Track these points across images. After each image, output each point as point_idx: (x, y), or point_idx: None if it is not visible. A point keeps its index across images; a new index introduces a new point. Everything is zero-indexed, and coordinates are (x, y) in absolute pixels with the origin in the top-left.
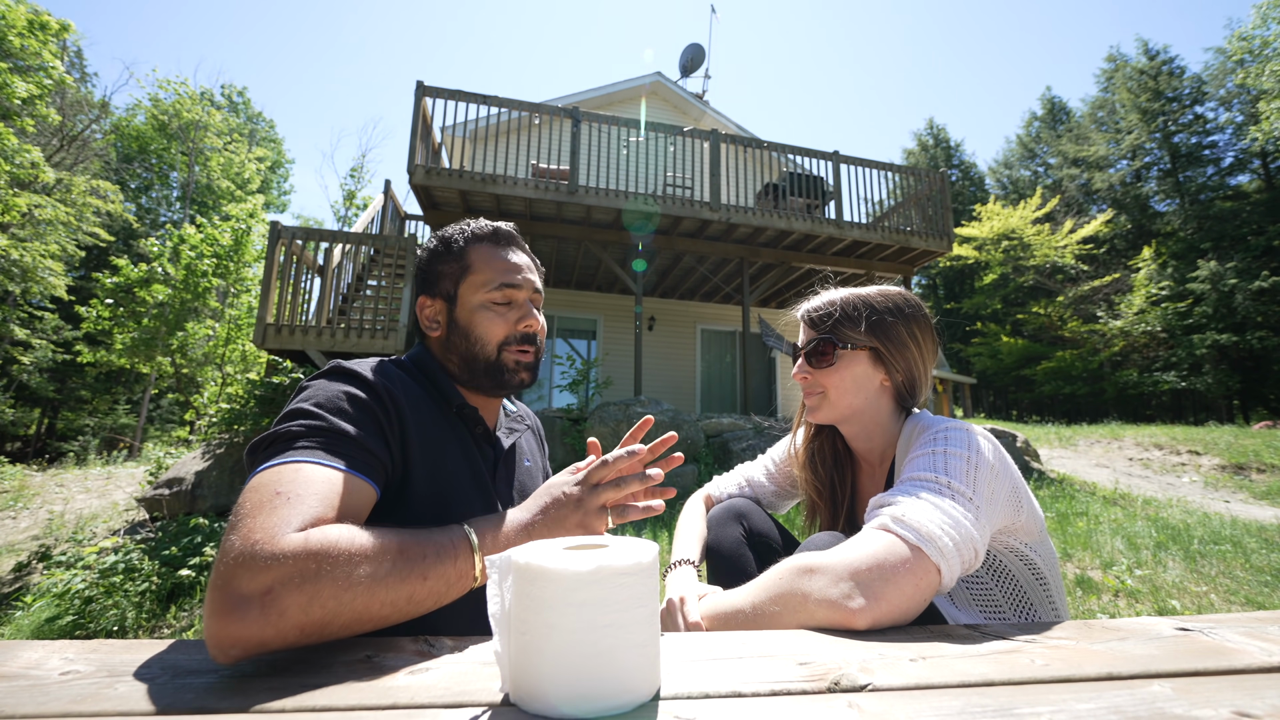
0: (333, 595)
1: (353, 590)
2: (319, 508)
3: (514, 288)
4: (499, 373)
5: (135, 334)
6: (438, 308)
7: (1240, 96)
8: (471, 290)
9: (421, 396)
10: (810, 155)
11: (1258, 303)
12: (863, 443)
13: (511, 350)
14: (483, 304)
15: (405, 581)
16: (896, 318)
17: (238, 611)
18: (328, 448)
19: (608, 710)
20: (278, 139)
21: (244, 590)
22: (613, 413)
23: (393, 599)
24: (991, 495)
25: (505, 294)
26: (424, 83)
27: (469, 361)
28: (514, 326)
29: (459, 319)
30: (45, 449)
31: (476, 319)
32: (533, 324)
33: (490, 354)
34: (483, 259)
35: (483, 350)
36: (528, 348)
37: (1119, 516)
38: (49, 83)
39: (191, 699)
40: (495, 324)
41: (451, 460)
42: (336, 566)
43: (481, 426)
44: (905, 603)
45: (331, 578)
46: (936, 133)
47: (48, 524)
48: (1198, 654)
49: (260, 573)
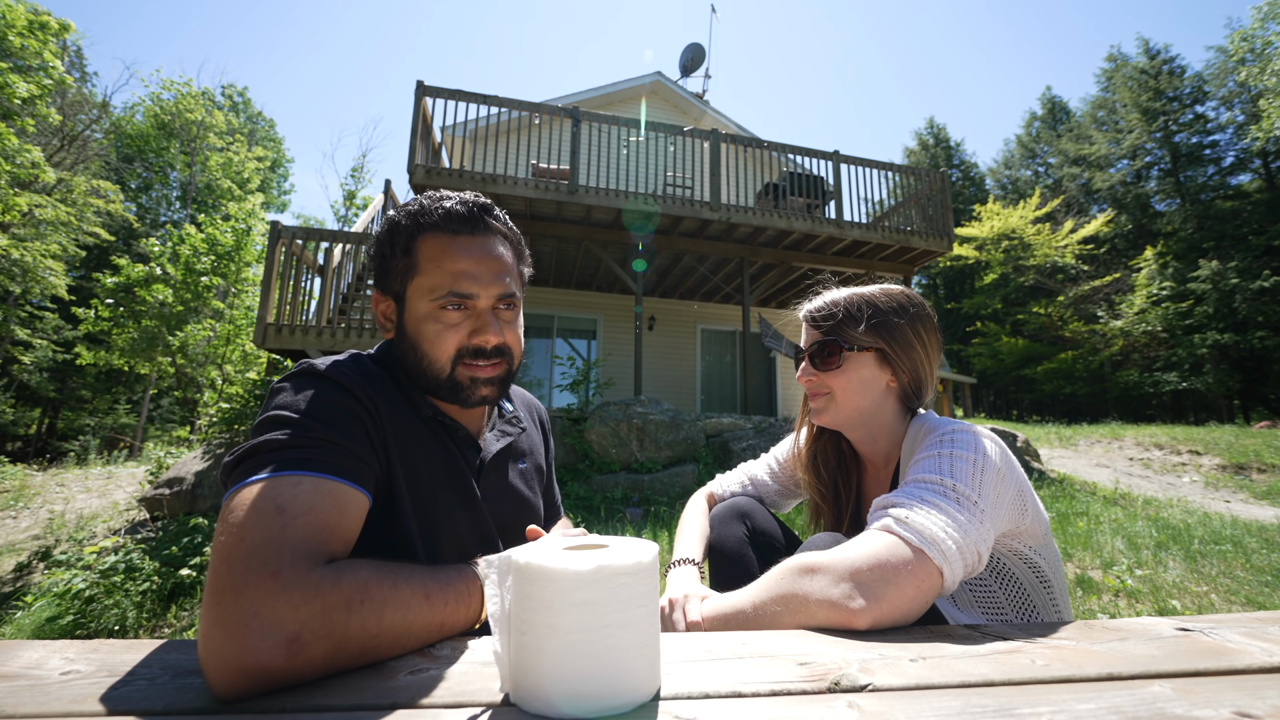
0: (360, 642)
1: (380, 638)
2: (332, 534)
3: (467, 297)
4: (455, 390)
5: (135, 334)
6: (388, 306)
7: (1241, 96)
8: (418, 295)
9: (398, 397)
10: (810, 155)
11: (1258, 302)
12: (867, 445)
13: (467, 365)
14: (429, 314)
15: (428, 629)
16: (902, 317)
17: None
18: (320, 458)
19: (608, 710)
20: (278, 139)
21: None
22: (613, 412)
23: (412, 643)
24: (996, 499)
25: (456, 299)
26: (424, 82)
27: (418, 375)
28: (467, 339)
29: (407, 326)
30: (46, 449)
31: (424, 330)
32: (488, 339)
33: (442, 370)
34: (431, 257)
35: (431, 366)
36: (487, 362)
37: (1119, 516)
38: (49, 82)
39: (192, 699)
40: (444, 337)
41: (431, 467)
42: (368, 612)
43: (462, 432)
44: (906, 604)
45: (362, 624)
46: (937, 132)
47: (48, 524)
48: (1198, 654)
49: (294, 609)
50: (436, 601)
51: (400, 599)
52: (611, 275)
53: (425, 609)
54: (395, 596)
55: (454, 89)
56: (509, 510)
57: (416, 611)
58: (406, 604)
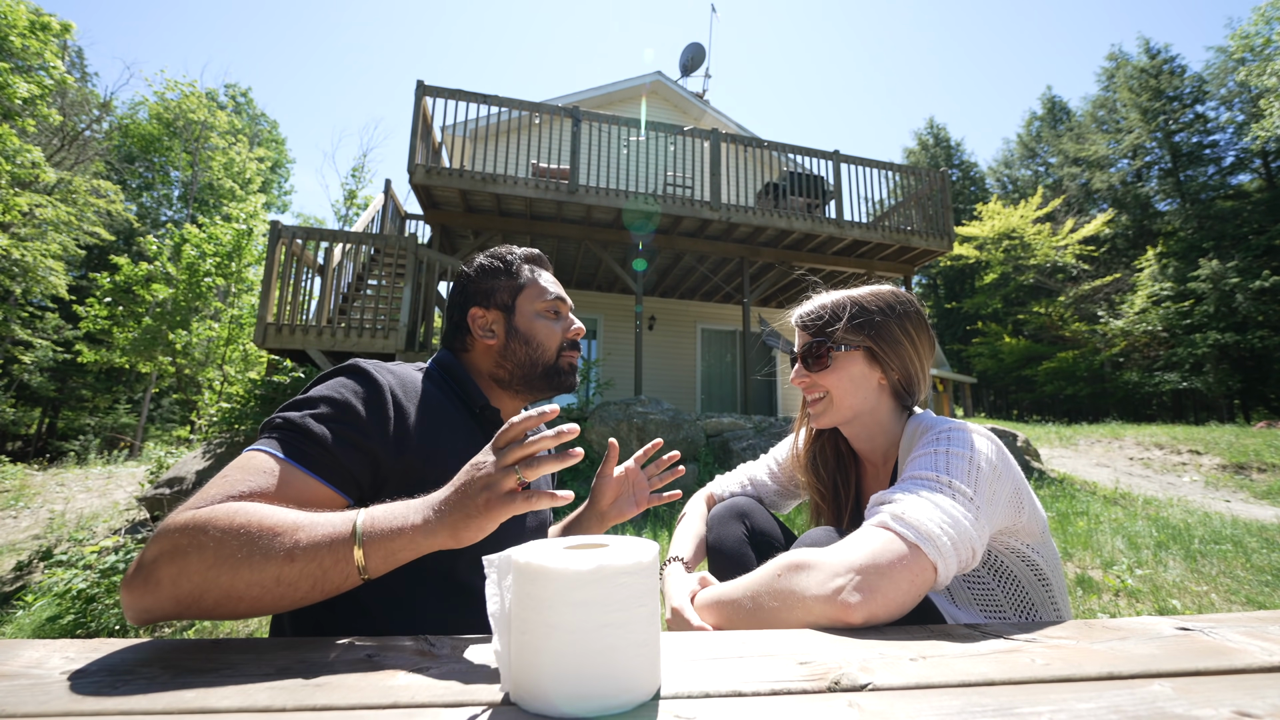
0: (199, 570)
1: (219, 567)
2: (239, 489)
3: (563, 300)
4: (557, 374)
5: (136, 333)
6: (493, 317)
7: (1241, 95)
8: (529, 301)
9: (440, 400)
10: (810, 154)
11: (1259, 302)
12: (865, 443)
13: (566, 354)
14: (539, 313)
15: (270, 561)
16: (888, 316)
17: (130, 580)
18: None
19: (608, 709)
20: (280, 139)
21: (139, 560)
22: (613, 412)
23: (259, 579)
24: (992, 496)
25: (557, 305)
26: (424, 82)
27: (528, 366)
28: (566, 334)
29: (519, 327)
30: (46, 448)
31: (537, 326)
32: (580, 330)
33: (550, 357)
34: (533, 276)
35: (543, 354)
36: (576, 354)
37: (1119, 516)
38: (50, 83)
39: (192, 698)
40: (553, 331)
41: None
42: (207, 542)
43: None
44: (900, 599)
45: (200, 553)
46: (937, 132)
47: (49, 523)
48: (1198, 654)
49: (152, 545)
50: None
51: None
52: (612, 275)
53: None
54: (244, 526)
55: (454, 89)
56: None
57: (266, 543)
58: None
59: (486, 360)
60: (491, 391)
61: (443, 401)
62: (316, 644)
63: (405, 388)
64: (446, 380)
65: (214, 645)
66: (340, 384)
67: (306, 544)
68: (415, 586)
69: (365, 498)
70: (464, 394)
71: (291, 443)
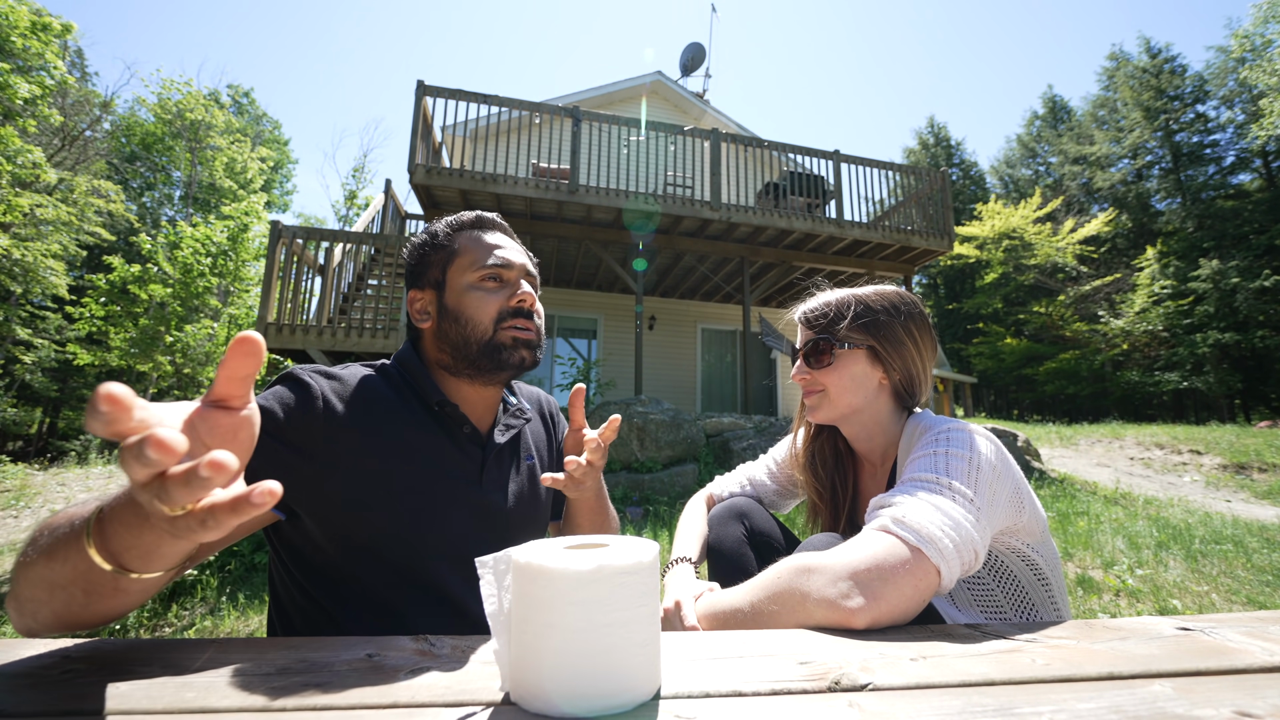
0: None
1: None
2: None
3: (503, 266)
4: (497, 352)
5: (133, 334)
6: (427, 298)
7: (1241, 95)
8: (459, 273)
9: (393, 400)
10: (811, 154)
11: (1259, 302)
12: (864, 442)
13: (508, 327)
14: (471, 284)
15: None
16: (893, 316)
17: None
18: None
19: (608, 709)
20: (283, 139)
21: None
22: (614, 412)
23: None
24: (993, 497)
25: (494, 272)
26: (424, 82)
27: (463, 346)
28: (506, 302)
29: (448, 303)
30: (47, 448)
31: (466, 300)
32: (525, 297)
33: (485, 333)
34: (469, 243)
35: (475, 330)
36: (524, 323)
37: (1120, 516)
38: (51, 83)
39: (193, 698)
40: (487, 301)
41: (427, 467)
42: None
43: (468, 426)
44: (904, 603)
45: (16, 570)
46: (937, 131)
47: None
48: (1199, 654)
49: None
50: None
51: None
52: (612, 275)
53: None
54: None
55: (454, 89)
56: (513, 505)
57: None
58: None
59: (431, 345)
60: (446, 383)
61: (395, 400)
62: (316, 644)
63: (346, 392)
64: (404, 376)
65: (214, 645)
66: (270, 392)
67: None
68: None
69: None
70: (419, 390)
71: None
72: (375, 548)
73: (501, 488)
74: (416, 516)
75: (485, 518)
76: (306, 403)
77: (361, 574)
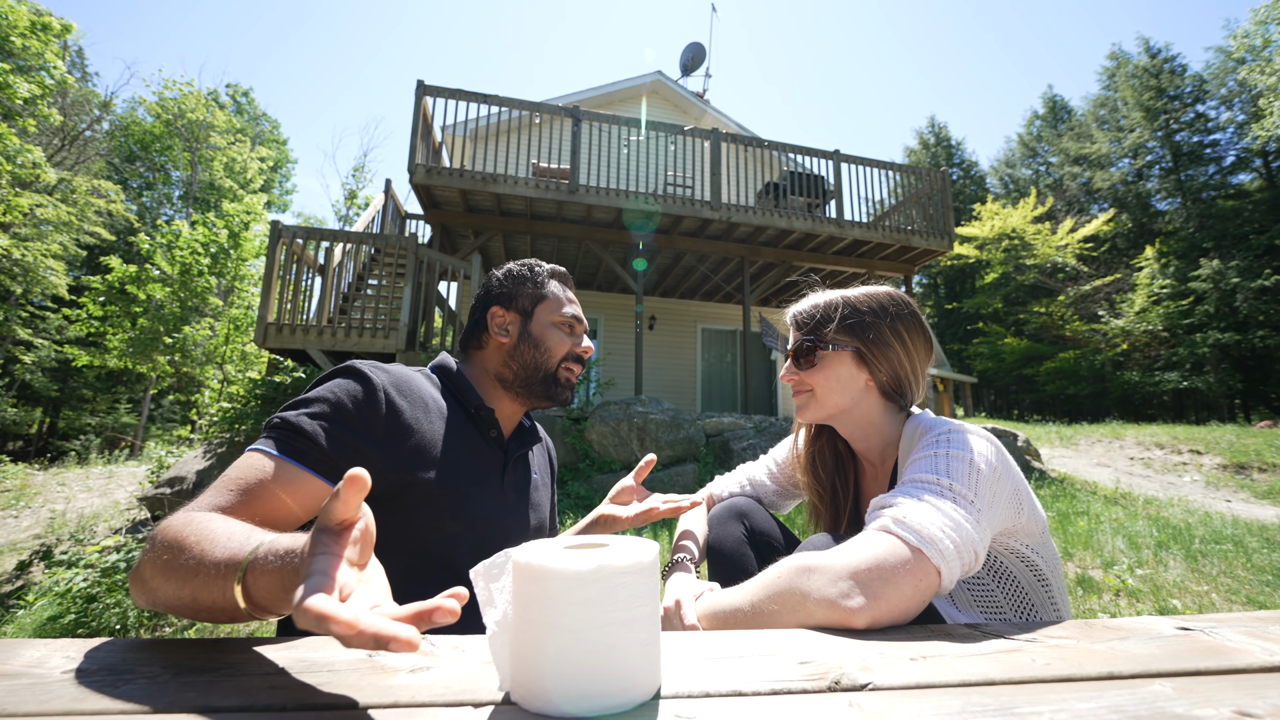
0: (151, 576)
1: (158, 578)
2: (226, 498)
3: (577, 320)
4: (553, 383)
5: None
6: (511, 318)
7: (1241, 95)
8: (547, 311)
9: (436, 399)
10: (811, 154)
11: (1260, 302)
12: (860, 443)
13: (568, 367)
14: (554, 324)
15: (187, 578)
16: (879, 318)
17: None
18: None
19: (608, 709)
20: (282, 139)
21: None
22: (613, 412)
23: (180, 595)
24: (993, 498)
25: (571, 321)
26: (424, 82)
27: (532, 369)
28: (574, 347)
29: (533, 331)
30: (47, 448)
31: (549, 334)
32: (589, 349)
33: (552, 365)
34: (556, 290)
35: (548, 360)
36: (576, 368)
37: (1120, 516)
38: (51, 83)
39: (193, 697)
40: (563, 341)
41: (462, 459)
42: (156, 554)
43: (495, 430)
44: (904, 603)
45: (152, 563)
46: (937, 131)
47: (49, 523)
48: (1199, 653)
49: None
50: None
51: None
52: (612, 275)
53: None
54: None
55: (454, 88)
56: (527, 507)
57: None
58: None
59: (496, 357)
60: (492, 392)
61: (439, 400)
62: (316, 644)
63: (400, 387)
64: (444, 381)
65: (214, 645)
66: (335, 384)
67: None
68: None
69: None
70: (459, 393)
71: (285, 439)
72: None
73: (517, 489)
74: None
75: (503, 511)
76: (371, 394)
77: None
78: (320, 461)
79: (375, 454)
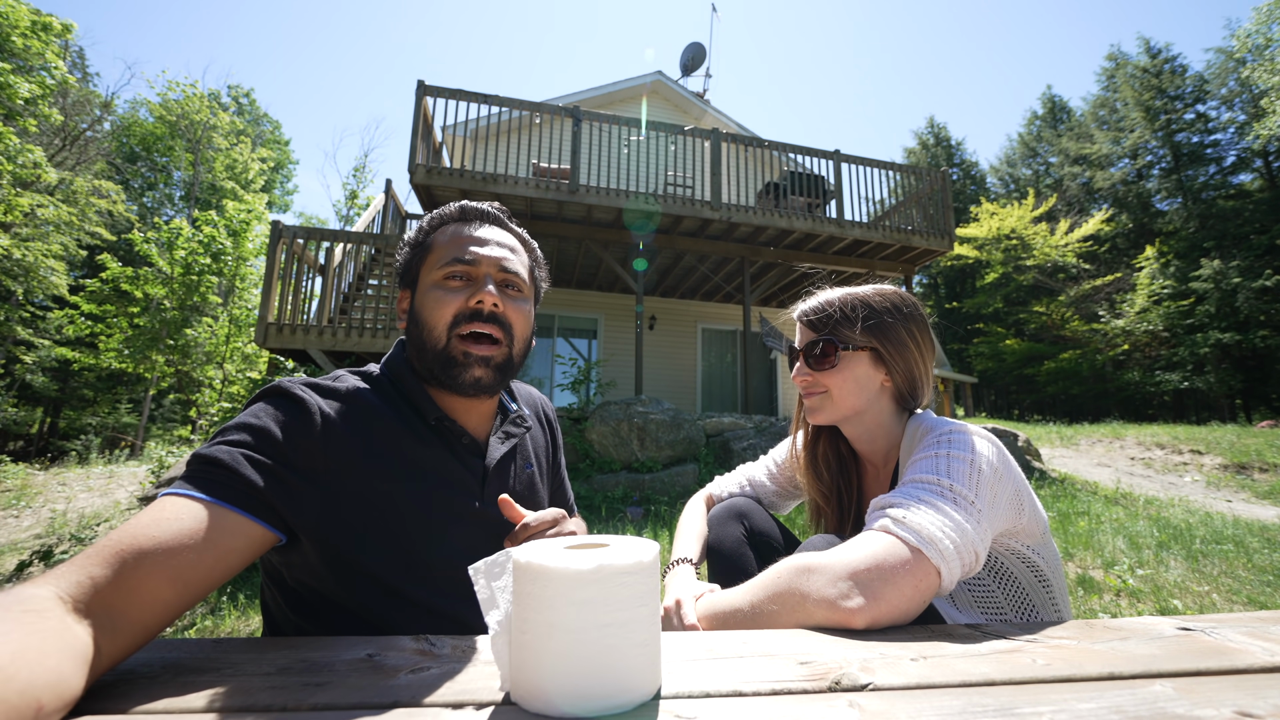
0: None
1: None
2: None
3: (469, 262)
4: (448, 366)
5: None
6: (404, 296)
7: (1242, 95)
8: (429, 270)
9: (390, 415)
10: (811, 154)
11: (1260, 302)
12: (865, 444)
13: (462, 339)
14: (434, 283)
15: None
16: (895, 318)
17: None
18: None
19: (608, 709)
20: (283, 140)
21: None
22: (614, 412)
23: None
24: (993, 499)
25: (458, 269)
26: (425, 82)
27: (422, 352)
28: (465, 303)
29: (415, 304)
30: (48, 448)
31: (427, 301)
32: (485, 297)
33: (439, 340)
34: (444, 238)
35: (430, 336)
36: (482, 328)
37: (1121, 516)
38: (52, 83)
39: (192, 698)
40: (444, 303)
41: (425, 482)
42: None
43: (466, 437)
44: (904, 604)
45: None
46: (937, 131)
47: (50, 523)
48: (1200, 654)
49: None
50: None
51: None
52: (612, 275)
53: None
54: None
55: (455, 88)
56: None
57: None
58: None
59: (410, 352)
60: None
61: (392, 415)
62: (316, 644)
63: (344, 409)
64: (396, 387)
65: (214, 645)
66: (258, 409)
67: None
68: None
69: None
70: (414, 403)
71: (201, 476)
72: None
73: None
74: (419, 536)
75: (486, 531)
76: (306, 422)
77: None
78: (243, 497)
79: (313, 492)
